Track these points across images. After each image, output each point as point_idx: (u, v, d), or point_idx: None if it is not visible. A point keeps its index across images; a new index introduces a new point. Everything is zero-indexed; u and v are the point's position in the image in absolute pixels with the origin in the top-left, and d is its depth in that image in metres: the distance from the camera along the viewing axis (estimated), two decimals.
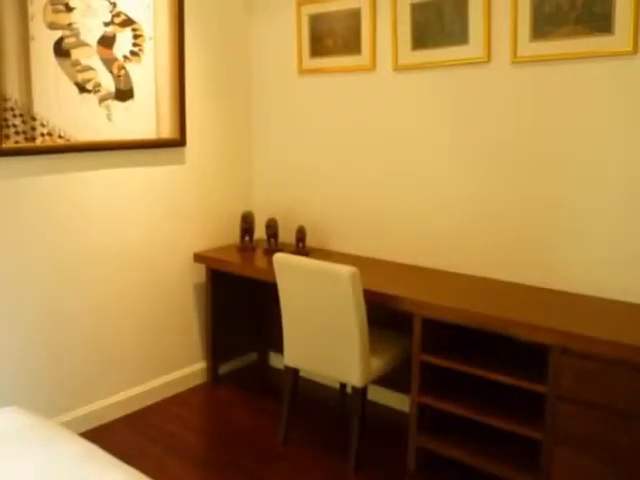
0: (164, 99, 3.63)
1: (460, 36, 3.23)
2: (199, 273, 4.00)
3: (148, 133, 3.57)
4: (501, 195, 3.23)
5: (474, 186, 3.32)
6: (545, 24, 2.95)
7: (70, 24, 3.13)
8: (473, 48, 3.20)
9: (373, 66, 3.61)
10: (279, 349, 3.88)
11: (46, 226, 3.17)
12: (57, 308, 3.27)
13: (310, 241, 4.03)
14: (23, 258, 3.10)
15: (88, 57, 3.23)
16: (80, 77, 3.21)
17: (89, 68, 3.24)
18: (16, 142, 2.98)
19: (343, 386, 3.89)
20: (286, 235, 4.11)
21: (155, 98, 3.58)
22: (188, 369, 4.01)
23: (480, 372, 2.80)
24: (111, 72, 3.34)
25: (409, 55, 3.44)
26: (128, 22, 3.39)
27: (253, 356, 4.42)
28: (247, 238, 3.98)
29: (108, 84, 3.33)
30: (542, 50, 2.98)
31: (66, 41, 3.13)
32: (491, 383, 2.98)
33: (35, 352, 3.20)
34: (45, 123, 3.09)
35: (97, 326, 3.46)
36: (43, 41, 3.04)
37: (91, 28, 3.22)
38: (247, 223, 3.96)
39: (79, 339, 3.39)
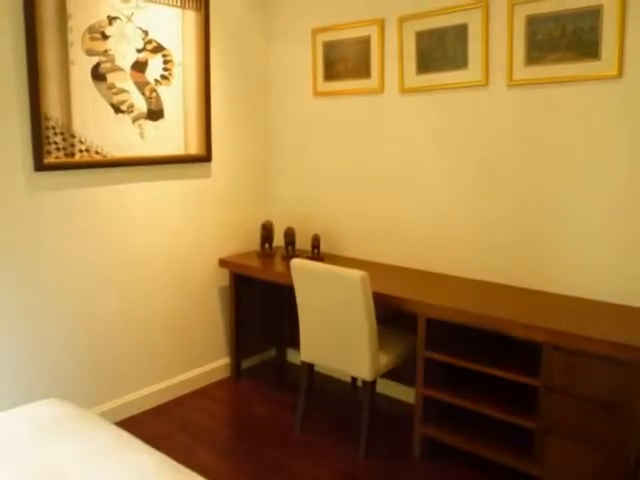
0: (192, 119, 3.68)
1: (460, 61, 3.25)
2: (223, 277, 4.03)
3: (177, 149, 3.62)
4: (498, 205, 3.25)
5: (473, 197, 3.34)
6: (538, 50, 2.97)
7: (106, 51, 3.18)
8: (472, 72, 3.23)
9: (381, 89, 3.64)
10: (296, 346, 3.91)
11: (83, 234, 3.22)
12: (94, 308, 3.31)
13: (324, 247, 4.06)
14: (63, 263, 3.15)
15: (122, 81, 3.28)
16: (115, 99, 3.26)
17: (123, 91, 3.29)
18: (57, 158, 3.03)
19: (354, 380, 3.91)
20: (302, 242, 4.14)
21: (183, 118, 3.63)
22: (213, 364, 4.04)
23: (479, 367, 2.81)
24: (143, 94, 3.39)
25: (414, 79, 3.47)
26: (159, 49, 3.44)
27: (272, 352, 4.44)
28: (267, 245, 4.01)
29: (141, 105, 3.38)
30: (535, 74, 3.00)
31: (102, 66, 3.18)
32: (489, 377, 2.99)
33: (74, 349, 3.24)
34: (83, 140, 3.13)
35: (130, 325, 3.50)
36: (82, 66, 3.08)
37: (125, 54, 3.27)
38: (267, 231, 3.98)
39: (114, 337, 3.43)
